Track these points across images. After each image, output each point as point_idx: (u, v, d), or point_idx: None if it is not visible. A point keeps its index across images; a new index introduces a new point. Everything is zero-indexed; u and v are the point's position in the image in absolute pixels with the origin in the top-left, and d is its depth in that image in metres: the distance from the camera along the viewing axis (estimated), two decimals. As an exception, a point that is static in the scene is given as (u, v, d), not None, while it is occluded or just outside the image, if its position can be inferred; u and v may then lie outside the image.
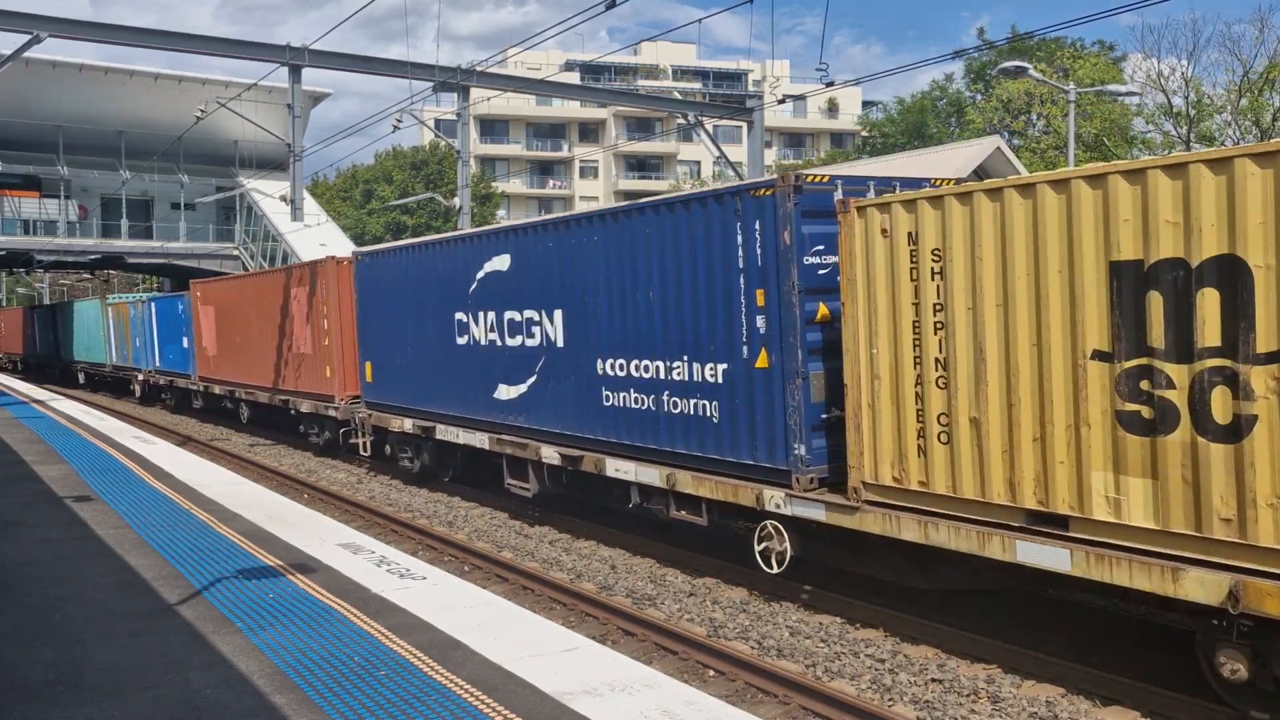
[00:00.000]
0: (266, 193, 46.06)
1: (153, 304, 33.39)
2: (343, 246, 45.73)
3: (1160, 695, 7.56)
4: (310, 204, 42.99)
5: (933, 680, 8.25)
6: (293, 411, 22.48)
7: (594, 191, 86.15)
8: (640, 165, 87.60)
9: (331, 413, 20.37)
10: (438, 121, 46.51)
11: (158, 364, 32.96)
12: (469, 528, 14.80)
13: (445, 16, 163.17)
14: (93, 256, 50.79)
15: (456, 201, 30.61)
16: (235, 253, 52.38)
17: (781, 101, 30.58)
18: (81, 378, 44.37)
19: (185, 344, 30.05)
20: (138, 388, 36.24)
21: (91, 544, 10.56)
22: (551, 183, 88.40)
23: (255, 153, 48.94)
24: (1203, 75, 47.69)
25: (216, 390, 27.99)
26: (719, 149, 33.01)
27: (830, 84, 21.87)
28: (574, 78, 71.14)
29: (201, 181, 51.96)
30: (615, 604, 10.41)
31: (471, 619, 7.77)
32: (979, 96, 54.17)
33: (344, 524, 12.83)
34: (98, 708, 6.08)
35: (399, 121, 28.12)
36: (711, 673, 8.61)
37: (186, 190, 50.82)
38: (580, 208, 74.97)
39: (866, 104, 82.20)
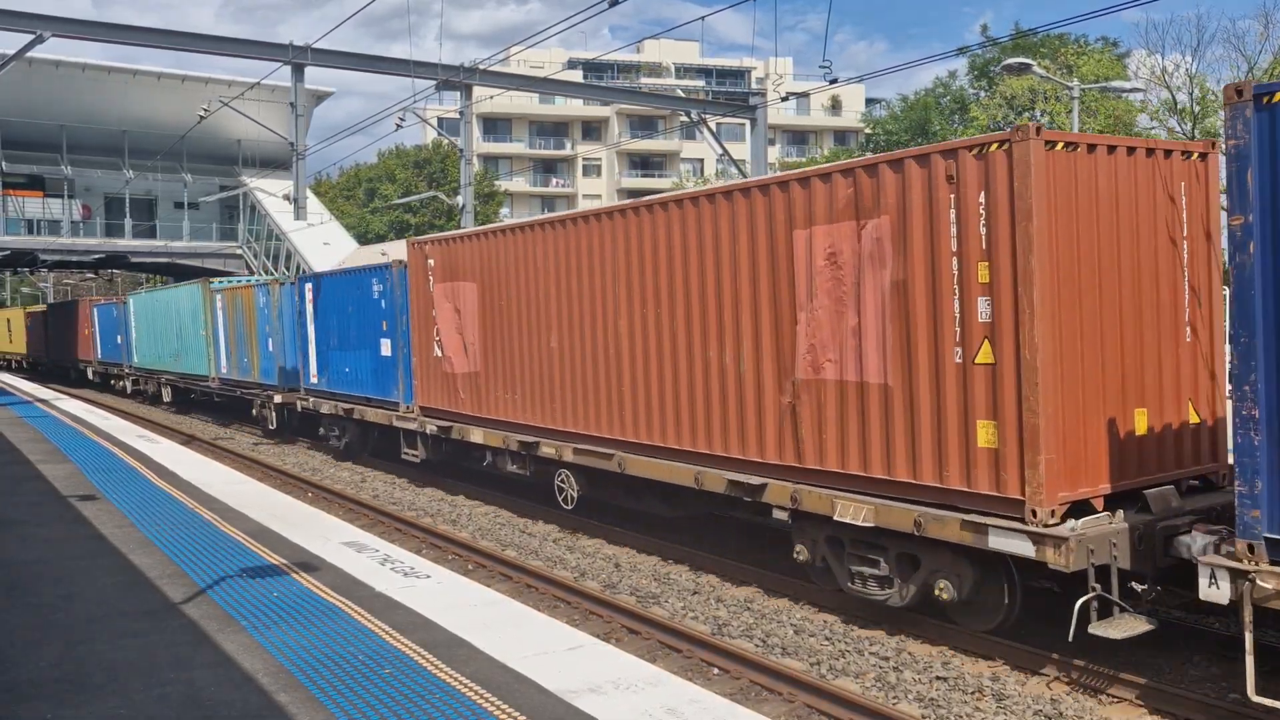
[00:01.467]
0: (270, 192, 46.12)
1: (308, 285, 22.25)
2: (345, 246, 45.86)
3: (1165, 693, 7.55)
4: (313, 203, 43.12)
5: (937, 678, 8.24)
6: (787, 512, 10.22)
7: (597, 190, 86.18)
8: (643, 163, 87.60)
9: (1051, 555, 7.79)
10: (440, 120, 46.47)
11: (314, 379, 21.87)
12: (472, 526, 14.80)
13: (447, 15, 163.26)
14: (97, 256, 50.89)
15: (460, 200, 30.62)
16: (239, 252, 52.45)
17: (785, 99, 30.59)
18: (167, 393, 33.33)
19: (386, 350, 18.53)
20: (271, 414, 24.49)
21: (96, 543, 10.57)
22: (554, 181, 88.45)
23: (258, 152, 49.02)
24: (1207, 71, 47.60)
25: (476, 436, 15.36)
26: (722, 147, 33.00)
27: (833, 81, 21.84)
28: (577, 76, 71.13)
29: (205, 181, 52.07)
30: (619, 602, 10.41)
31: (475, 617, 7.77)
32: (982, 93, 54.07)
33: (348, 523, 12.85)
34: (103, 706, 6.09)
35: (401, 120, 28.13)
36: (716, 671, 8.60)
37: (190, 189, 50.93)
38: (583, 206, 75.07)
39: (870, 101, 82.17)
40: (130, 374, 37.37)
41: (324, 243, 44.67)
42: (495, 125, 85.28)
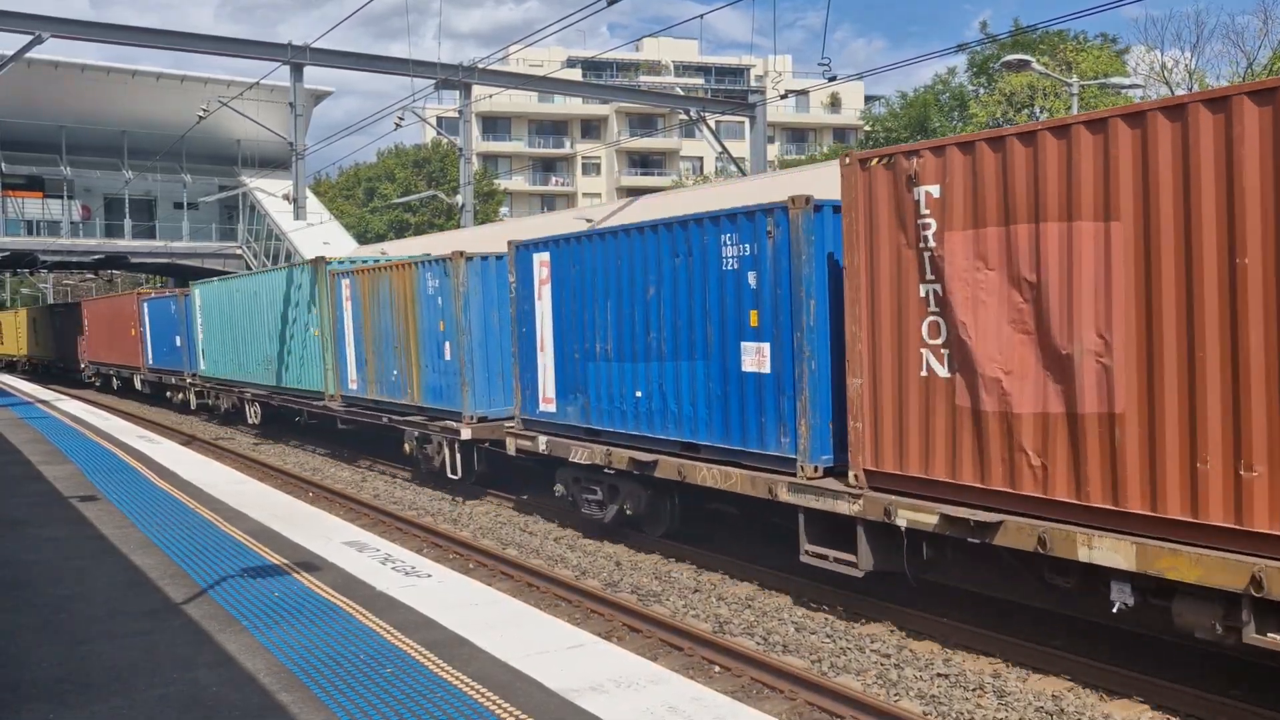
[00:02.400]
0: (269, 191, 46.20)
1: (540, 256, 14.01)
2: (345, 245, 45.89)
3: (1168, 689, 7.55)
4: (313, 202, 43.20)
5: (938, 675, 8.25)
6: None
7: (596, 188, 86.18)
8: (643, 162, 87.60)
9: None
10: (440, 119, 46.50)
11: (546, 406, 13.92)
12: (473, 525, 14.81)
13: (446, 13, 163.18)
14: (96, 256, 50.91)
15: (459, 199, 30.65)
16: (239, 252, 52.50)
17: (784, 97, 30.62)
18: (253, 413, 25.51)
19: (754, 362, 10.56)
20: (448, 454, 16.25)
21: (97, 543, 10.57)
22: (554, 179, 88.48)
23: (257, 152, 49.09)
24: (1206, 67, 47.61)
25: (1118, 556, 7.21)
26: (722, 145, 33.05)
27: (833, 79, 21.89)
28: (576, 74, 71.16)
29: (204, 181, 52.12)
30: (620, 601, 10.41)
31: (477, 616, 7.77)
32: (982, 90, 54.09)
33: (349, 522, 12.85)
34: (105, 706, 6.09)
35: (401, 119, 28.16)
36: (717, 669, 8.61)
37: (189, 190, 50.96)
38: (583, 204, 75.11)
39: (869, 98, 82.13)
40: (195, 385, 29.39)
41: (324, 242, 44.71)
42: (494, 124, 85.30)
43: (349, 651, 6.97)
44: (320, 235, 44.56)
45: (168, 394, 33.38)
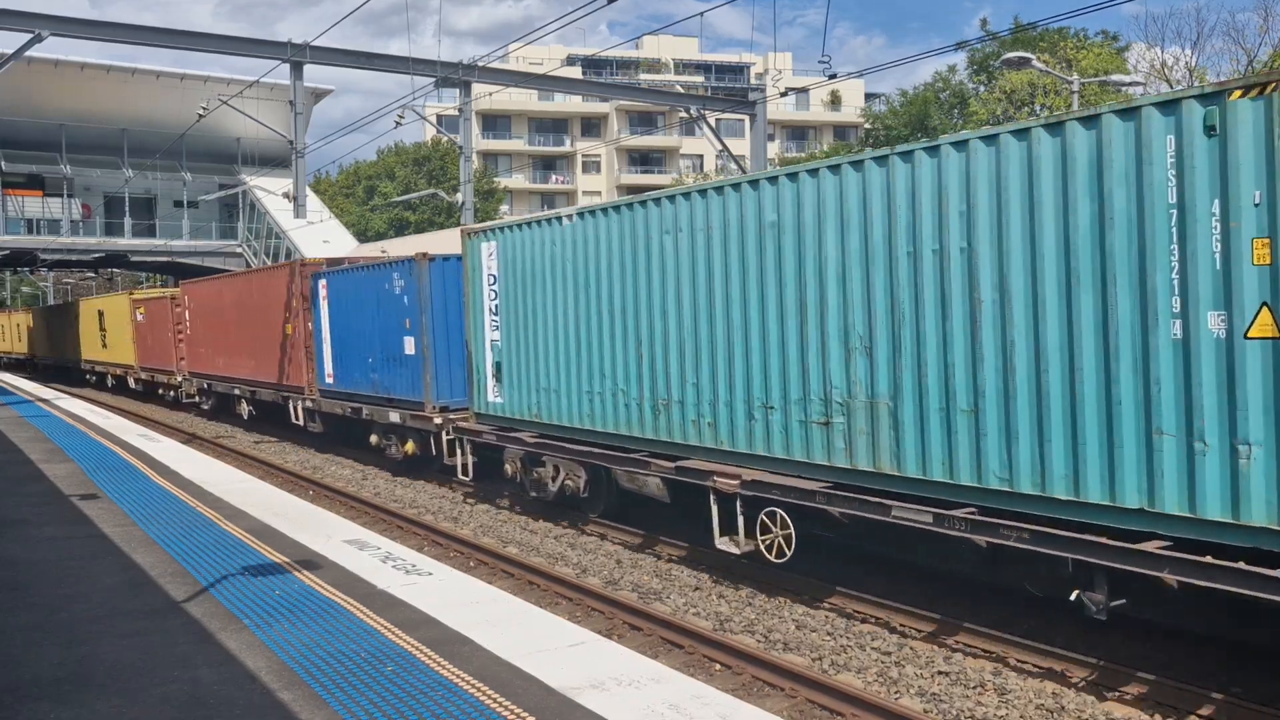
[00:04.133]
0: (269, 190, 46.15)
1: None
2: (345, 244, 45.87)
3: (1167, 687, 7.55)
4: (313, 201, 43.14)
5: (939, 673, 8.25)
6: None
7: (596, 186, 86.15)
8: (643, 160, 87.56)
9: None
10: (440, 117, 46.45)
11: None
12: (474, 523, 14.80)
13: (445, 11, 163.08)
14: (96, 255, 50.86)
15: (459, 197, 30.63)
16: (239, 250, 52.47)
17: (784, 94, 30.57)
18: (783, 541, 9.97)
19: None
20: None
21: (98, 542, 10.57)
22: (554, 178, 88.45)
23: (258, 150, 49.03)
24: (1207, 64, 47.67)
25: None
26: (722, 143, 33.03)
27: (833, 76, 21.84)
28: (575, 72, 71.18)
29: (204, 179, 52.08)
30: (621, 598, 10.41)
31: (477, 614, 7.77)
32: (982, 88, 54.08)
33: (349, 520, 12.85)
34: (106, 705, 6.09)
35: (401, 118, 28.13)
36: (718, 666, 8.61)
37: (189, 188, 50.91)
38: (583, 203, 75.06)
39: (869, 96, 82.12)
40: (471, 433, 15.60)
41: (324, 240, 44.70)
42: (494, 122, 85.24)
43: (350, 649, 6.97)
44: (320, 233, 44.56)
45: (373, 439, 19.45)
